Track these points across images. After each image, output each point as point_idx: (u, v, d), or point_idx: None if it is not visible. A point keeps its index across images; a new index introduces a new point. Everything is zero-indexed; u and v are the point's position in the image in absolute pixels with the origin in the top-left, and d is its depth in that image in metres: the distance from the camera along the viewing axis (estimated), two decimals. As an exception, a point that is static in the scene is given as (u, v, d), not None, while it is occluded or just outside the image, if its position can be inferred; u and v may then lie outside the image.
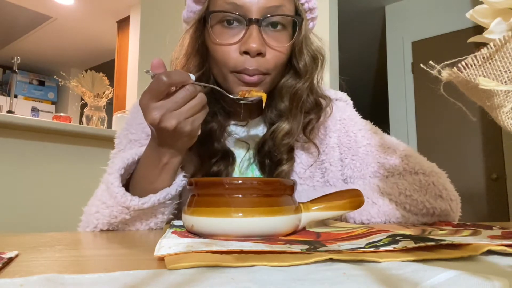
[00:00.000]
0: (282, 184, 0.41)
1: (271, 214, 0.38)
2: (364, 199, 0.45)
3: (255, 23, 0.53)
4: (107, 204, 0.50)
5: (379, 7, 3.26)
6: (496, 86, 0.31)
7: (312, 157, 0.65)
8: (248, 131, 0.66)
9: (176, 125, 0.45)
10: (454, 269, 0.24)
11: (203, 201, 0.40)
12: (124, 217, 0.50)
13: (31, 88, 4.67)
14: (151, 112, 0.45)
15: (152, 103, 0.45)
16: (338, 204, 0.44)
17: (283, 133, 0.59)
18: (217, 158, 0.60)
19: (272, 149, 0.61)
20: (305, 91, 0.60)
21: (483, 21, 0.35)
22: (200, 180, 0.43)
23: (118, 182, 0.49)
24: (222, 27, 0.55)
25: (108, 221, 0.51)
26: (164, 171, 0.51)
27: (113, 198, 0.49)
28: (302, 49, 0.59)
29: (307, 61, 0.59)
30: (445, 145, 2.77)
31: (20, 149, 1.82)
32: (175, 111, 0.45)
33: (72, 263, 0.30)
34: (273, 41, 0.55)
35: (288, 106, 0.60)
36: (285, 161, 0.60)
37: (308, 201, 0.44)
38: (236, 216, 0.37)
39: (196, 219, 0.38)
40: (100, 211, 0.50)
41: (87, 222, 0.52)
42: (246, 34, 0.53)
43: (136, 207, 0.48)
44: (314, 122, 0.62)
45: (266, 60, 0.55)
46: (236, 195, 0.38)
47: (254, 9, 0.53)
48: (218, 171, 0.60)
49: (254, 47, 0.52)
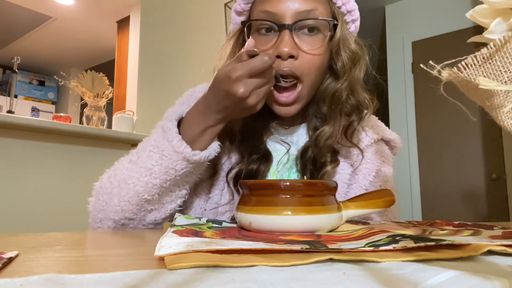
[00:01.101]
0: (326, 185, 0.47)
1: (318, 212, 0.43)
2: (395, 198, 0.51)
3: (286, 28, 0.56)
4: (160, 148, 0.52)
5: (379, 7, 3.26)
6: (496, 86, 0.31)
7: (352, 153, 0.66)
8: (290, 134, 0.68)
9: (243, 92, 0.48)
10: (454, 269, 0.24)
11: (259, 200, 0.44)
12: (172, 165, 0.52)
13: (31, 88, 4.67)
14: (242, 84, 0.48)
15: (244, 78, 0.48)
16: (373, 203, 0.50)
17: (326, 137, 0.61)
18: (256, 157, 0.63)
19: (316, 154, 0.62)
20: (344, 91, 0.60)
21: (483, 21, 0.35)
22: (255, 182, 0.49)
23: (176, 129, 0.53)
24: (259, 35, 0.59)
25: (148, 179, 0.53)
26: (206, 133, 0.54)
27: (168, 142, 0.52)
28: (339, 50, 0.60)
29: (345, 62, 0.60)
30: (445, 145, 2.77)
31: (20, 149, 1.82)
32: (248, 79, 0.48)
33: (72, 263, 0.30)
34: (306, 45, 0.57)
35: (328, 108, 0.62)
36: (329, 163, 0.61)
37: (346, 200, 0.49)
38: (287, 214, 0.42)
39: (254, 217, 0.43)
40: (146, 157, 0.53)
41: (125, 180, 0.54)
42: (278, 39, 0.56)
43: (187, 155, 0.51)
44: (356, 125, 0.62)
45: (299, 63, 0.57)
46: (289, 196, 0.43)
47: (287, 15, 0.56)
48: (256, 170, 0.62)
49: (286, 51, 0.55)
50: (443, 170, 2.75)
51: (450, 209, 2.70)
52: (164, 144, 0.52)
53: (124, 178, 0.55)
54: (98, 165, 2.23)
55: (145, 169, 0.53)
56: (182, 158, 0.52)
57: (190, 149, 0.52)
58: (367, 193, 0.54)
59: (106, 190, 0.57)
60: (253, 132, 0.64)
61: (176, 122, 0.54)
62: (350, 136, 0.63)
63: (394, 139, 0.70)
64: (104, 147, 2.16)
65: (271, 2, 0.57)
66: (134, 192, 0.54)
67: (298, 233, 0.42)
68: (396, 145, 0.71)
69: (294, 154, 0.66)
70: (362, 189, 0.64)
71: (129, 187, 0.54)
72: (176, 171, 0.53)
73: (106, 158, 2.17)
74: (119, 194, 0.55)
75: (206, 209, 0.64)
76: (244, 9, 0.63)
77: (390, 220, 0.66)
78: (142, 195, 0.54)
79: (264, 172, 0.63)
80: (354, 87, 0.61)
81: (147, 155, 0.54)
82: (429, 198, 2.84)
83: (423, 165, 2.89)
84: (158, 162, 0.53)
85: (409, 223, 0.58)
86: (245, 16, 0.63)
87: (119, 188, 0.55)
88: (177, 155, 0.52)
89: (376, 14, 3.33)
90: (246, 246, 0.30)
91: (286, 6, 0.56)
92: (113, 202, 0.55)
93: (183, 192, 0.58)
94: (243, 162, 0.63)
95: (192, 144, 0.53)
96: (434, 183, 2.80)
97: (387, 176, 0.67)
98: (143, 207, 0.56)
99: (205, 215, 0.64)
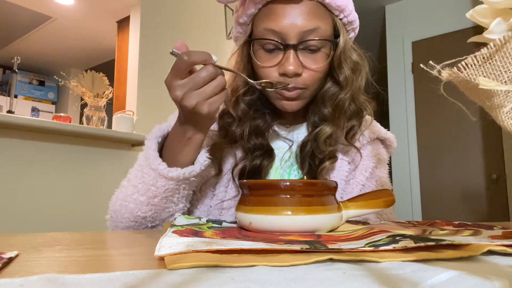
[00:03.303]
0: (326, 185, 0.47)
1: (318, 212, 0.43)
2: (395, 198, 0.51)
3: (291, 48, 0.57)
4: (142, 165, 0.55)
5: (379, 7, 3.26)
6: (496, 86, 0.31)
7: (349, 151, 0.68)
8: (291, 132, 0.71)
9: (195, 104, 0.48)
10: (454, 269, 0.24)
11: (259, 200, 0.44)
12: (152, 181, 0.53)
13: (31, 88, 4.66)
14: (174, 89, 0.48)
15: (175, 81, 0.48)
16: (373, 203, 0.50)
17: (325, 135, 0.64)
18: (259, 153, 0.65)
19: (315, 150, 0.65)
20: (347, 100, 0.64)
21: (483, 21, 0.35)
22: (255, 182, 0.49)
23: (155, 146, 0.55)
24: (264, 52, 0.61)
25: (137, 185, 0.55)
26: (187, 146, 0.54)
27: (146, 160, 0.54)
28: (341, 63, 0.62)
29: (347, 74, 0.62)
30: (445, 145, 2.77)
31: (20, 149, 1.82)
32: (196, 90, 0.48)
33: (72, 263, 0.30)
34: (309, 62, 0.59)
35: (331, 113, 0.65)
36: (327, 159, 0.64)
37: (346, 200, 0.49)
38: (287, 214, 0.42)
39: (254, 217, 0.43)
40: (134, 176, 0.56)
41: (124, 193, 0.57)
42: (283, 58, 0.58)
43: (162, 171, 0.52)
44: (356, 128, 0.66)
45: (303, 78, 0.60)
46: (289, 196, 0.43)
47: (291, 34, 0.57)
48: (259, 165, 0.64)
49: (291, 70, 0.57)
50: (443, 170, 2.75)
51: (450, 209, 2.70)
52: (144, 162, 0.55)
53: (122, 196, 0.57)
54: (98, 165, 2.24)
55: (133, 187, 0.56)
56: (158, 175, 0.53)
57: (164, 166, 0.53)
58: (367, 193, 0.54)
59: (114, 207, 0.60)
60: (256, 131, 0.66)
61: (156, 140, 0.56)
62: (351, 138, 0.66)
63: (389, 138, 0.74)
64: (104, 147, 2.16)
65: (275, 20, 0.58)
66: (129, 210, 0.56)
67: (298, 233, 0.42)
68: (391, 144, 0.74)
69: (295, 152, 0.69)
70: (359, 184, 0.67)
71: (126, 205, 0.56)
72: (158, 188, 0.54)
73: (106, 158, 2.17)
74: (120, 212, 0.58)
75: (211, 206, 0.65)
76: (246, 21, 0.63)
77: (388, 220, 0.67)
78: (136, 212, 0.56)
79: (267, 167, 0.65)
80: (356, 95, 0.65)
81: (134, 173, 0.56)
82: (429, 198, 2.84)
83: (423, 165, 2.89)
84: (141, 180, 0.55)
85: (409, 223, 0.58)
86: (248, 27, 0.64)
87: (120, 206, 0.58)
88: (154, 172, 0.53)
89: (376, 14, 3.33)
90: (246, 246, 0.30)
91: (290, 24, 0.57)
92: (118, 219, 0.58)
93: (180, 206, 0.59)
94: (247, 159, 0.65)
95: (175, 158, 0.54)
96: (434, 183, 2.80)
97: (382, 172, 0.72)
98: (142, 224, 0.58)
99: (211, 212, 0.65)
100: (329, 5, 0.59)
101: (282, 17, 0.57)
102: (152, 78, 2.50)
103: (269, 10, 0.59)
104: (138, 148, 2.29)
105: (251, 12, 0.61)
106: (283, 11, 0.57)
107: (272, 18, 0.58)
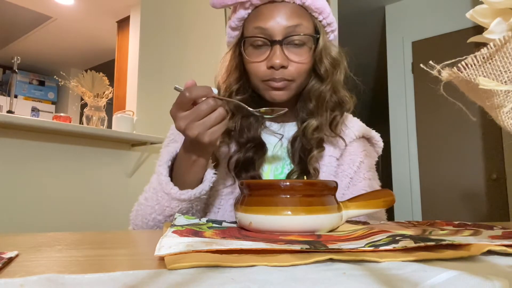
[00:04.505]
0: (326, 185, 0.47)
1: (318, 212, 0.43)
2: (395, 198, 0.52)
3: (277, 43, 0.65)
4: (156, 189, 0.61)
5: (379, 7, 3.26)
6: (496, 86, 0.31)
7: (337, 148, 0.74)
8: (282, 128, 0.77)
9: (197, 134, 0.54)
10: (454, 269, 0.24)
11: (259, 200, 0.44)
12: (166, 204, 0.60)
13: (31, 88, 4.66)
14: (178, 120, 0.54)
15: (178, 113, 0.54)
16: (373, 203, 0.50)
17: (312, 128, 0.70)
18: (251, 145, 0.71)
19: (304, 143, 0.71)
20: (328, 92, 0.70)
21: (483, 21, 0.35)
22: (255, 182, 0.50)
23: (166, 172, 0.61)
24: (253, 48, 0.68)
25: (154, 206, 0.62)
26: (193, 168, 0.60)
27: (159, 184, 0.60)
28: (322, 58, 0.69)
29: (328, 67, 0.69)
30: (445, 145, 2.77)
31: (20, 149, 1.82)
32: (197, 121, 0.54)
33: (72, 263, 0.30)
34: (294, 56, 0.66)
35: (315, 106, 0.71)
36: (315, 149, 0.70)
37: (347, 200, 0.50)
38: (287, 214, 0.42)
39: (254, 217, 0.43)
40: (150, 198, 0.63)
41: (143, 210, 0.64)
42: (271, 53, 0.65)
43: (174, 195, 0.59)
44: (338, 118, 0.73)
45: (289, 71, 0.66)
46: (289, 196, 0.43)
47: (277, 31, 0.65)
48: (251, 157, 0.70)
49: (278, 63, 0.64)
50: (443, 170, 2.75)
51: (450, 209, 2.70)
52: (158, 186, 0.61)
53: (142, 214, 0.65)
54: (98, 165, 2.24)
55: (151, 208, 0.63)
56: (171, 198, 0.59)
57: (176, 190, 0.59)
58: (367, 193, 0.54)
59: (135, 222, 0.67)
60: (249, 126, 0.73)
61: (166, 164, 0.62)
62: (335, 127, 0.72)
63: (374, 136, 0.80)
64: (104, 147, 2.16)
65: (262, 20, 0.65)
66: (149, 226, 0.64)
67: (298, 233, 0.42)
68: (377, 143, 0.80)
69: (286, 146, 0.75)
70: (347, 177, 0.73)
71: (146, 223, 0.64)
72: (173, 209, 0.60)
73: (106, 158, 2.17)
74: (142, 227, 0.65)
75: (210, 197, 0.70)
76: (237, 25, 0.70)
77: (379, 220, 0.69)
78: (156, 228, 0.63)
79: (260, 159, 0.71)
80: (336, 87, 0.71)
81: (150, 196, 0.63)
82: (429, 198, 2.84)
83: (423, 165, 2.89)
84: (157, 202, 0.62)
85: (409, 223, 0.58)
86: (239, 31, 0.71)
87: (142, 223, 0.65)
88: (168, 196, 0.59)
89: (376, 14, 3.33)
90: (246, 246, 0.30)
91: (276, 22, 0.64)
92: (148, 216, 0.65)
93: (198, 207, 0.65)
94: (240, 151, 0.71)
95: (183, 178, 0.61)
96: (434, 183, 2.80)
97: (370, 168, 0.77)
98: None
99: (210, 203, 0.70)
100: (309, 7, 0.67)
101: (268, 17, 0.65)
102: (152, 78, 2.50)
103: (257, 13, 0.66)
104: (138, 148, 2.29)
105: (241, 16, 0.68)
106: (269, 12, 0.65)
107: (260, 18, 0.66)
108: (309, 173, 0.69)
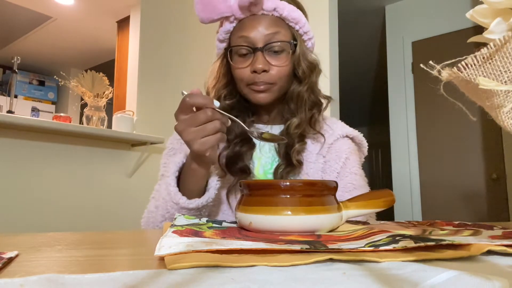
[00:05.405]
0: (326, 185, 0.47)
1: (318, 212, 0.43)
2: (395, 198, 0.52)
3: (259, 50, 0.73)
4: (166, 199, 0.65)
5: (379, 7, 3.26)
6: (496, 86, 0.31)
7: (322, 145, 0.80)
8: (270, 130, 0.84)
9: (189, 140, 0.58)
10: (454, 269, 0.24)
11: (259, 200, 0.45)
12: (177, 212, 0.62)
13: (31, 88, 4.66)
14: (178, 122, 0.59)
15: (179, 115, 0.59)
16: (373, 203, 0.51)
17: (294, 125, 0.77)
18: (239, 140, 0.78)
19: (288, 139, 0.76)
20: (306, 93, 0.78)
21: (483, 21, 0.35)
22: (255, 182, 0.51)
23: (174, 182, 0.65)
24: (239, 57, 0.76)
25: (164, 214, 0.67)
26: (193, 177, 0.65)
27: (168, 195, 0.64)
28: (300, 62, 0.77)
29: (305, 70, 0.77)
30: (445, 145, 2.77)
31: (20, 149, 1.82)
32: (193, 128, 0.57)
33: (72, 263, 0.30)
34: (274, 61, 0.74)
35: (295, 105, 0.78)
36: (297, 143, 0.77)
37: (346, 200, 0.50)
38: (287, 214, 0.42)
39: (254, 217, 0.43)
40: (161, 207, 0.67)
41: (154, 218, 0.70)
42: (253, 59, 0.73)
43: (183, 205, 0.63)
44: (316, 116, 0.80)
45: (270, 74, 0.73)
46: (289, 196, 0.43)
47: (258, 38, 0.73)
48: (240, 151, 0.77)
49: (260, 67, 0.71)
50: (443, 170, 2.75)
51: (450, 209, 2.70)
52: (167, 196, 0.65)
53: (153, 221, 0.70)
54: (98, 165, 2.24)
55: (161, 216, 0.68)
56: (180, 207, 0.63)
57: (184, 199, 0.63)
58: (367, 193, 0.54)
59: (147, 227, 0.72)
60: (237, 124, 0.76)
61: (174, 175, 0.66)
62: (314, 124, 0.79)
63: (357, 135, 0.85)
64: (104, 147, 2.16)
65: (246, 30, 0.73)
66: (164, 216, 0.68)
67: (298, 233, 0.42)
68: (361, 142, 0.85)
69: (274, 145, 0.81)
70: (335, 171, 0.79)
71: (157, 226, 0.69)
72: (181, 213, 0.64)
73: (106, 158, 2.17)
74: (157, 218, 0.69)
75: None
76: (224, 37, 0.78)
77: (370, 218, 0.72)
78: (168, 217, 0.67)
79: (247, 153, 0.78)
80: (313, 88, 0.79)
81: (160, 205, 0.68)
82: (429, 198, 2.84)
83: (423, 165, 2.89)
84: (167, 210, 0.66)
85: (409, 223, 0.58)
86: (226, 43, 0.79)
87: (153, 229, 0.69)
88: (177, 205, 0.64)
89: (376, 14, 3.33)
90: (246, 246, 0.30)
91: (257, 31, 0.73)
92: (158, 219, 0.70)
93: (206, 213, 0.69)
94: (229, 147, 0.78)
95: (187, 187, 0.65)
96: (434, 183, 2.80)
97: (356, 164, 0.81)
98: None
99: None
100: (286, 18, 0.75)
101: (251, 27, 0.73)
102: (152, 78, 2.50)
103: (242, 25, 0.75)
104: (138, 148, 2.29)
105: (227, 29, 0.76)
106: (251, 24, 0.73)
107: (244, 29, 0.74)
108: (293, 164, 0.74)
